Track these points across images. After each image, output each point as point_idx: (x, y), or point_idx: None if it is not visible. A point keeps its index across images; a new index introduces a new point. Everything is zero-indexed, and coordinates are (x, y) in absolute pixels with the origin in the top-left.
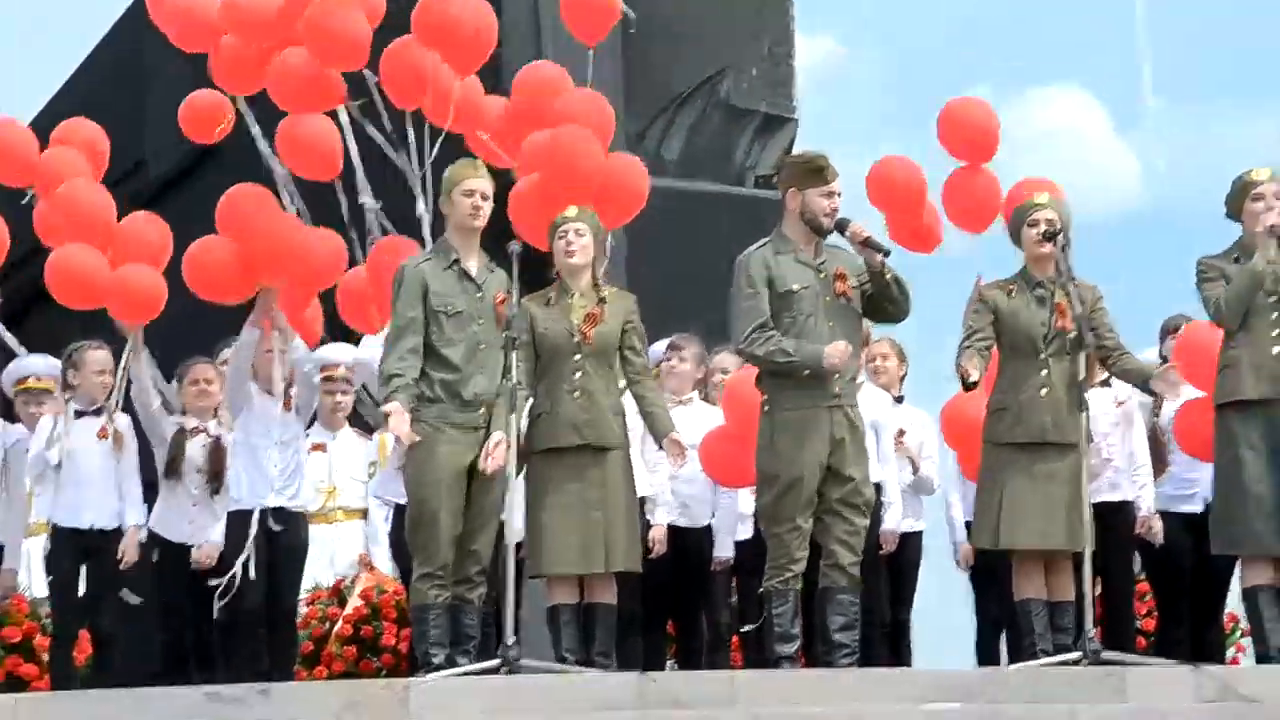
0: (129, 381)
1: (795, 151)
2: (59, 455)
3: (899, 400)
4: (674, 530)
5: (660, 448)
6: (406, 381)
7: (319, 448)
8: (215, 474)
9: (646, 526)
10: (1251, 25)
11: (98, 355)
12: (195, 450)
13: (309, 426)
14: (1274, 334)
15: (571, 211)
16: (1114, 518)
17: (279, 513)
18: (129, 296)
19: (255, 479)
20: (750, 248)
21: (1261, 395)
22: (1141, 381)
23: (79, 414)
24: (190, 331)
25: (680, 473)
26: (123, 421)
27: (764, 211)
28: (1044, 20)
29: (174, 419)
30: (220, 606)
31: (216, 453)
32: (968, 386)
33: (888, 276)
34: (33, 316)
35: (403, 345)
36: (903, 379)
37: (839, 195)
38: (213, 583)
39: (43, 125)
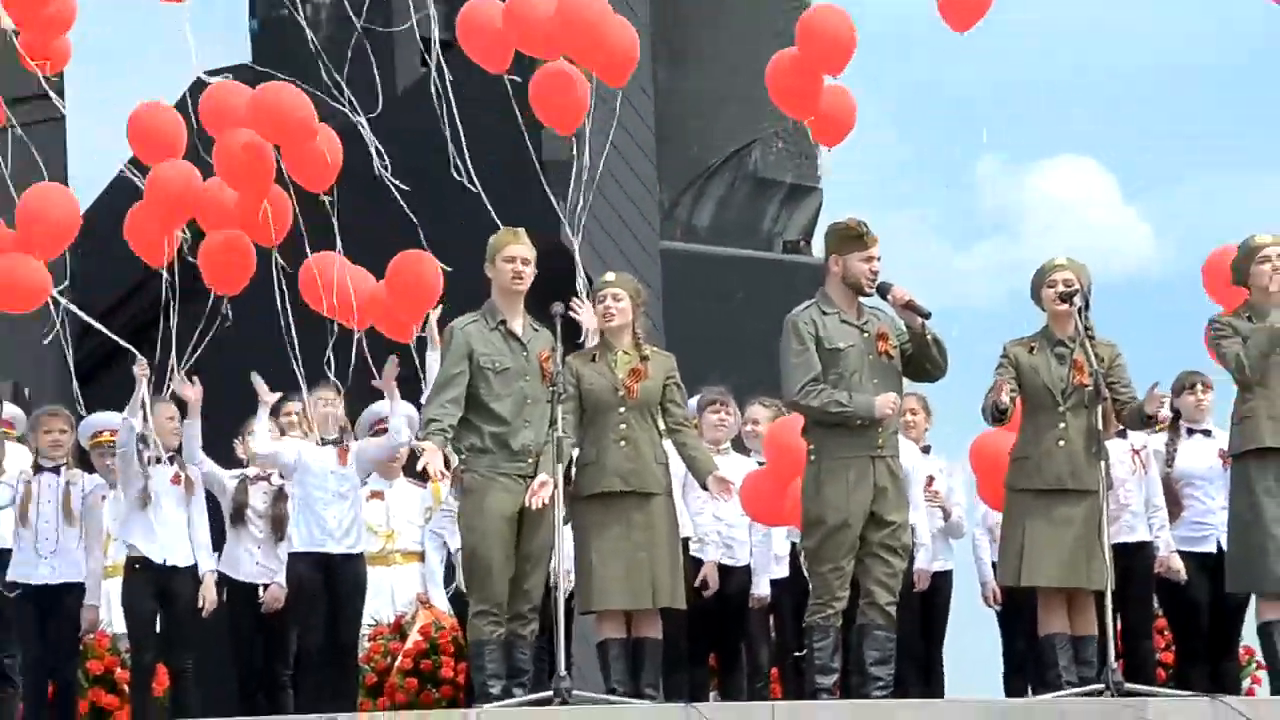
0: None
1: (831, 218)
2: (140, 424)
3: (926, 450)
4: (718, 568)
5: (705, 488)
6: (443, 426)
7: (377, 495)
8: (277, 521)
9: (692, 564)
10: (1257, 95)
11: (166, 405)
12: (258, 498)
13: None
14: None
15: (610, 276)
16: (1133, 557)
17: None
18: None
19: (314, 530)
20: (797, 308)
21: (1279, 444)
22: (1141, 416)
23: (154, 460)
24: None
25: (722, 514)
26: (193, 471)
27: (791, 275)
28: (1053, 94)
29: (235, 471)
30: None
31: (278, 502)
32: (999, 414)
33: (928, 337)
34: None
35: (444, 396)
36: (927, 431)
37: (879, 259)
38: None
39: None
